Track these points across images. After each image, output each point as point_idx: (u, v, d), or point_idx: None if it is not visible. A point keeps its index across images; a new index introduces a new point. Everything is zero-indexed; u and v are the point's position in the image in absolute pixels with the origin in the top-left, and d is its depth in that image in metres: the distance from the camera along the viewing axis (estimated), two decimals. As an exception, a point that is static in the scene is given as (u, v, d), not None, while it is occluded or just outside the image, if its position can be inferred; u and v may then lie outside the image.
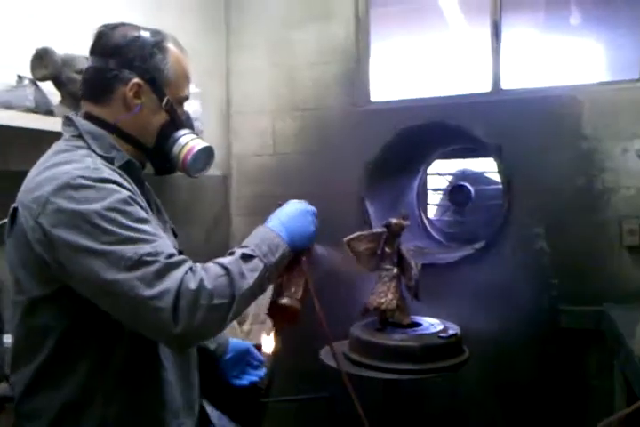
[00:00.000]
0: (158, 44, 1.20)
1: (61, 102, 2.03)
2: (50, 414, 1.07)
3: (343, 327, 2.22)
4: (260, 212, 1.20)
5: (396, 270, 2.12)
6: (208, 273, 1.01)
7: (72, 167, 1.05)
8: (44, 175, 1.06)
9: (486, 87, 3.05)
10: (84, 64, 2.01)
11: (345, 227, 2.40)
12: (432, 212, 4.30)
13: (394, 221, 2.13)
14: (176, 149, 1.22)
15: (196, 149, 1.23)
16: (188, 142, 1.23)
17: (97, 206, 0.99)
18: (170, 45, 1.22)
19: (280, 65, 3.32)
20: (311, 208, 1.25)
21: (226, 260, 1.06)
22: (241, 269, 1.04)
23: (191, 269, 1.01)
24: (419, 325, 2.19)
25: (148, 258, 0.98)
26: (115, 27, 1.20)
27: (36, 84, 1.91)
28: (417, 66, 3.66)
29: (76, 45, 2.10)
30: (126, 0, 2.50)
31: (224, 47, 3.39)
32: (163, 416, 1.16)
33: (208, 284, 0.99)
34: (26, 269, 1.06)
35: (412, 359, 2.00)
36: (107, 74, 1.17)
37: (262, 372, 1.54)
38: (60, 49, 1.98)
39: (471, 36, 3.50)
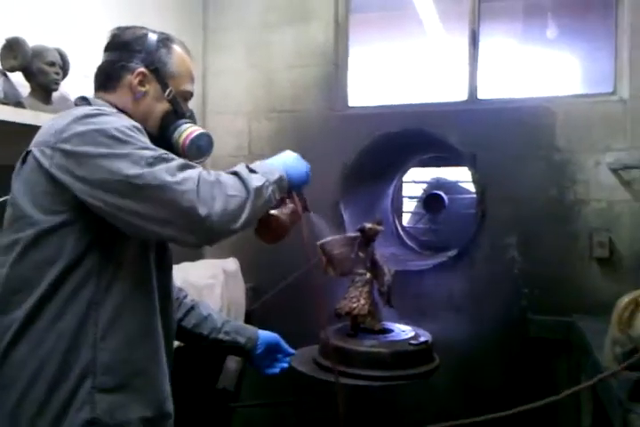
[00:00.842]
0: (163, 41, 1.32)
1: (31, 94, 1.97)
2: (43, 354, 1.08)
3: (315, 332, 2.19)
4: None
5: (368, 275, 2.10)
6: (221, 175, 1.13)
7: (87, 108, 1.15)
8: (57, 119, 1.15)
9: (463, 96, 3.07)
10: (55, 56, 1.99)
11: (319, 230, 2.38)
12: (407, 219, 4.32)
13: (368, 225, 2.11)
14: (176, 135, 1.30)
15: (194, 134, 1.30)
16: (186, 129, 1.30)
17: (115, 124, 1.10)
18: (174, 45, 1.34)
19: (257, 66, 3.30)
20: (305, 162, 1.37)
21: (232, 169, 1.18)
22: (249, 174, 1.16)
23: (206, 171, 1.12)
24: (390, 331, 2.16)
25: (167, 156, 1.09)
26: (127, 28, 1.33)
27: (5, 75, 1.85)
28: (395, 72, 3.67)
29: (47, 37, 2.05)
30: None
31: (201, 47, 3.35)
32: (151, 357, 1.19)
33: (223, 179, 1.11)
34: (35, 203, 1.11)
35: (383, 366, 1.98)
36: (115, 64, 1.28)
37: (289, 359, 1.69)
38: (32, 40, 1.93)
39: (449, 44, 3.53)
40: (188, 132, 1.29)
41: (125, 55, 1.28)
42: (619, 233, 2.72)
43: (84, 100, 1.26)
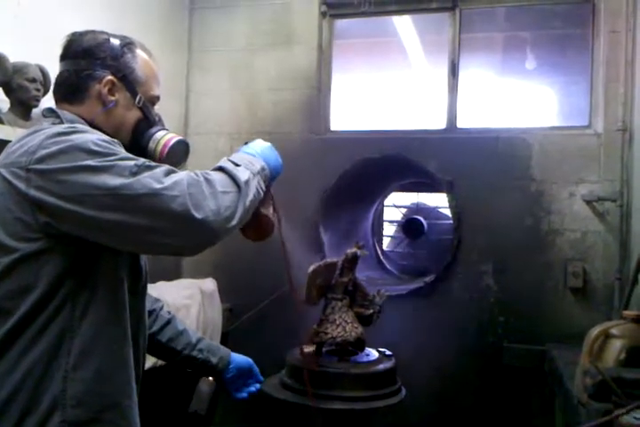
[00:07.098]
0: (127, 45, 1.26)
1: (10, 110, 1.97)
2: (11, 384, 1.03)
3: (280, 357, 2.17)
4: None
5: (347, 299, 2.11)
6: (208, 173, 1.10)
7: (59, 127, 1.09)
8: (26, 139, 1.07)
9: (442, 124, 3.11)
10: (37, 72, 1.99)
11: (298, 253, 2.37)
12: (386, 243, 4.33)
13: (355, 250, 2.14)
14: (152, 144, 1.25)
15: (172, 141, 1.25)
16: (163, 137, 1.25)
17: (91, 138, 1.04)
18: (137, 48, 1.28)
19: (241, 88, 3.32)
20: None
21: (216, 165, 1.15)
22: (235, 168, 1.13)
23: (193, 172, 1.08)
24: (356, 352, 2.17)
25: (150, 164, 1.04)
26: (83, 33, 1.24)
27: (-16, 90, 1.84)
28: (377, 99, 3.72)
29: (29, 54, 2.05)
30: (85, 16, 2.44)
31: (185, 67, 3.38)
32: (123, 389, 1.13)
33: (211, 177, 1.08)
34: (5, 229, 1.04)
35: (379, 385, 1.98)
36: (80, 74, 1.20)
37: (259, 385, 1.63)
38: (13, 56, 1.93)
39: (430, 74, 3.59)
40: (164, 140, 1.24)
41: (89, 63, 1.20)
42: (592, 263, 2.76)
43: (52, 113, 1.18)
